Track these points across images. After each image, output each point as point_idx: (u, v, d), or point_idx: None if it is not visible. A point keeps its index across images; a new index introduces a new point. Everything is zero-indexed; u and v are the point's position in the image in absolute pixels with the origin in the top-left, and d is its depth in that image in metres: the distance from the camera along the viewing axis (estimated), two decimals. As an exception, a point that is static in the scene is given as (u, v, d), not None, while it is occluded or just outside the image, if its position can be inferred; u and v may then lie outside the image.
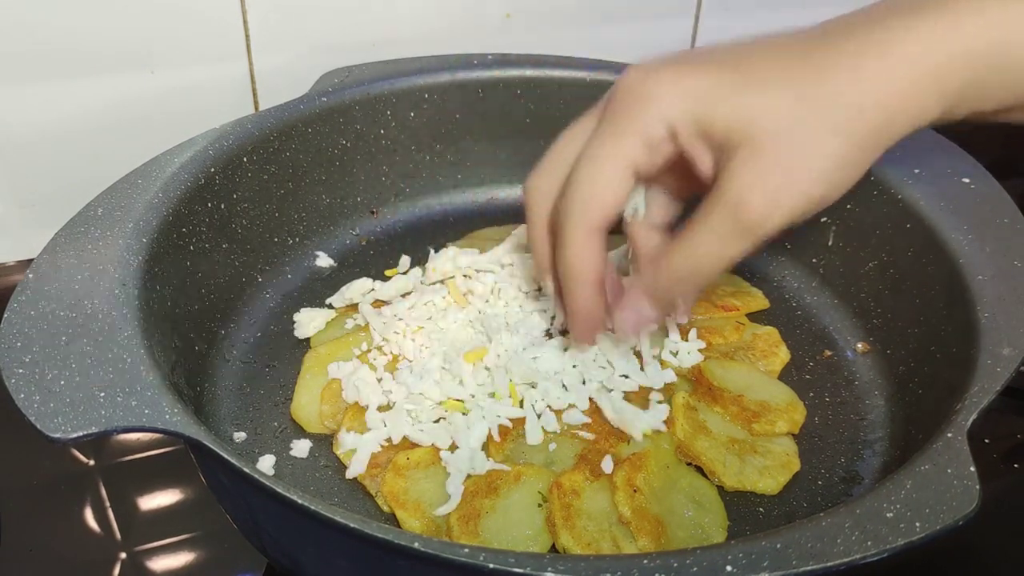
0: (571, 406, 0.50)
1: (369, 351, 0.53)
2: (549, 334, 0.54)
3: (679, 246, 0.42)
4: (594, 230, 0.42)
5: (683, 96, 0.40)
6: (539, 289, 0.55)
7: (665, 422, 0.49)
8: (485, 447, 0.48)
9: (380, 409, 0.49)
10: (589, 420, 0.49)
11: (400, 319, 0.54)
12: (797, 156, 0.39)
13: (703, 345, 0.55)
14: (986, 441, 0.55)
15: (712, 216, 0.40)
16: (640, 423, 0.48)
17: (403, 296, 0.57)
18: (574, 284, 0.43)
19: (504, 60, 0.66)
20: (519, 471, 0.46)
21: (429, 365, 0.50)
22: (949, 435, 0.38)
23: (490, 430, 0.48)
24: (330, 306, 0.59)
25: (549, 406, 0.49)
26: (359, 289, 0.58)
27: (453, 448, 0.47)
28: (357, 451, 0.47)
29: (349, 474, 0.47)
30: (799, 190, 0.39)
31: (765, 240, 0.41)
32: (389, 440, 0.48)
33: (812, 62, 0.40)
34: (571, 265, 0.43)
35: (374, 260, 0.63)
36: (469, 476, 0.46)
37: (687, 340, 0.55)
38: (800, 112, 0.39)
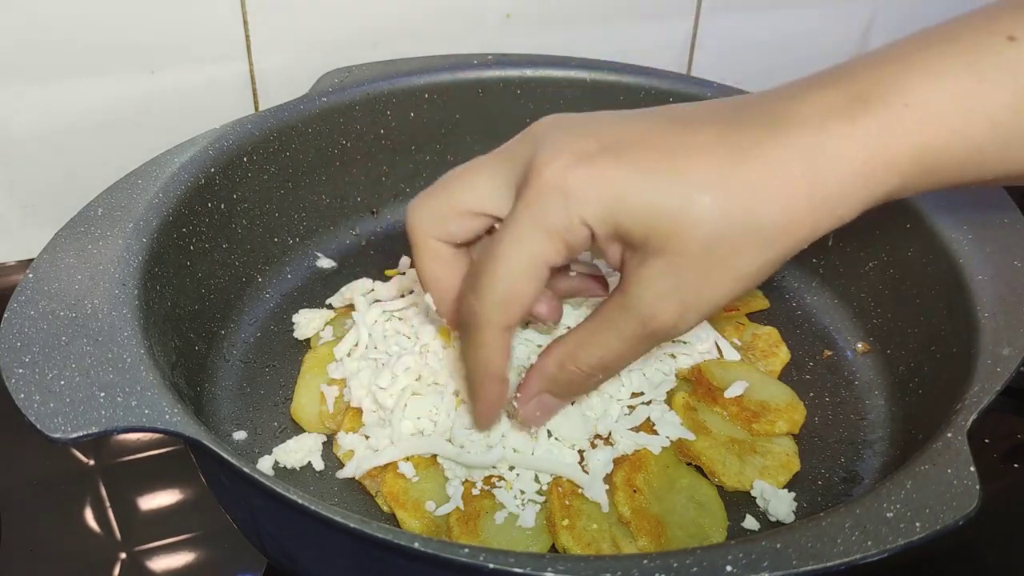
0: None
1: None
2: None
3: (583, 343, 0.40)
4: (508, 329, 0.40)
5: (603, 197, 0.37)
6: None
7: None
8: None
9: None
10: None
11: (400, 319, 0.54)
12: (717, 269, 0.37)
13: (703, 345, 0.55)
14: (986, 441, 0.55)
15: (620, 320, 0.39)
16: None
17: (402, 296, 0.57)
18: (486, 380, 0.42)
19: (504, 60, 0.66)
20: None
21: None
22: (949, 435, 0.38)
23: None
24: (330, 306, 0.59)
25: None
26: (359, 289, 0.58)
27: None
28: (356, 452, 0.47)
29: (344, 474, 0.47)
30: (715, 298, 0.38)
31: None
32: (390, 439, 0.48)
33: (743, 162, 0.36)
34: (484, 364, 0.41)
35: (374, 260, 0.63)
36: (468, 480, 0.46)
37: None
38: (725, 223, 0.36)
